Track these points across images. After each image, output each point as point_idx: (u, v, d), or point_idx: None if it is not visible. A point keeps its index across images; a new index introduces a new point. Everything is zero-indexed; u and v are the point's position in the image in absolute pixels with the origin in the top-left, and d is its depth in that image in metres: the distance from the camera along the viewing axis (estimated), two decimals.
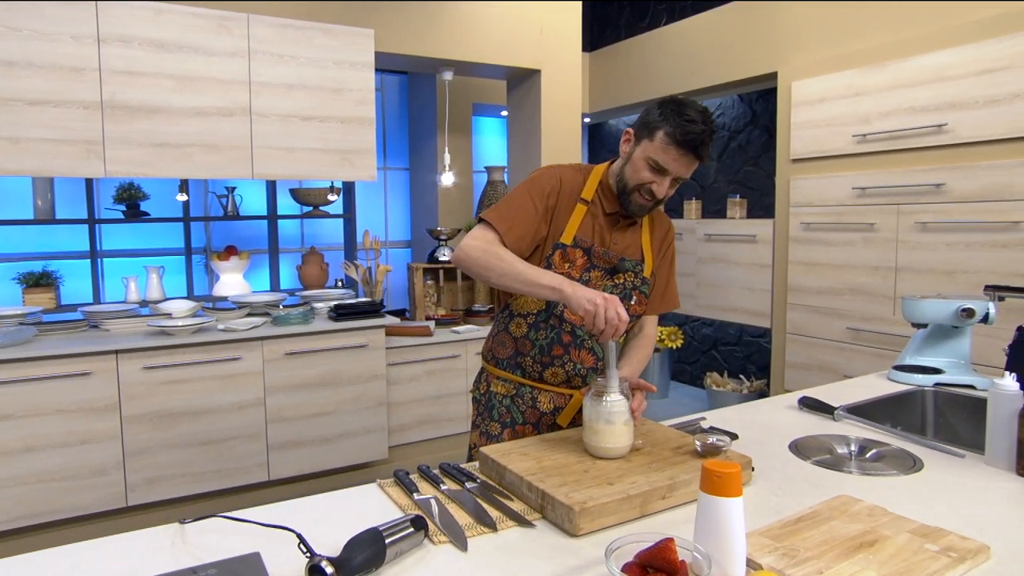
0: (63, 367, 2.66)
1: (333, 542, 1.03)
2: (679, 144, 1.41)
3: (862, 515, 1.12)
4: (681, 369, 5.49)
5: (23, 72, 2.64)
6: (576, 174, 1.58)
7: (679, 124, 1.40)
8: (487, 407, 1.66)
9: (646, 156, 1.46)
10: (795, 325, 3.78)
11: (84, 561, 1.01)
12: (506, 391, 1.63)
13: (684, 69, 4.52)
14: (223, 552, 1.01)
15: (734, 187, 4.82)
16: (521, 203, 1.50)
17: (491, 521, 1.13)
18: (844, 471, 1.37)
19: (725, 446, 1.32)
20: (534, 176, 1.56)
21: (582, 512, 1.09)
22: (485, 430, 1.65)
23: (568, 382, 1.60)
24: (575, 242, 1.53)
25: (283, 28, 3.13)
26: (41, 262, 3.41)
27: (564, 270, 1.52)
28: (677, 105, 1.43)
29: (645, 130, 1.47)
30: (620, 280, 1.57)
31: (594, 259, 1.55)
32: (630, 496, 1.15)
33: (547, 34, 3.86)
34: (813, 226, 3.64)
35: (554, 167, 1.58)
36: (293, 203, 4.01)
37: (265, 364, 3.06)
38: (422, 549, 1.04)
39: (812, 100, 3.62)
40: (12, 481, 2.62)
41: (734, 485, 0.91)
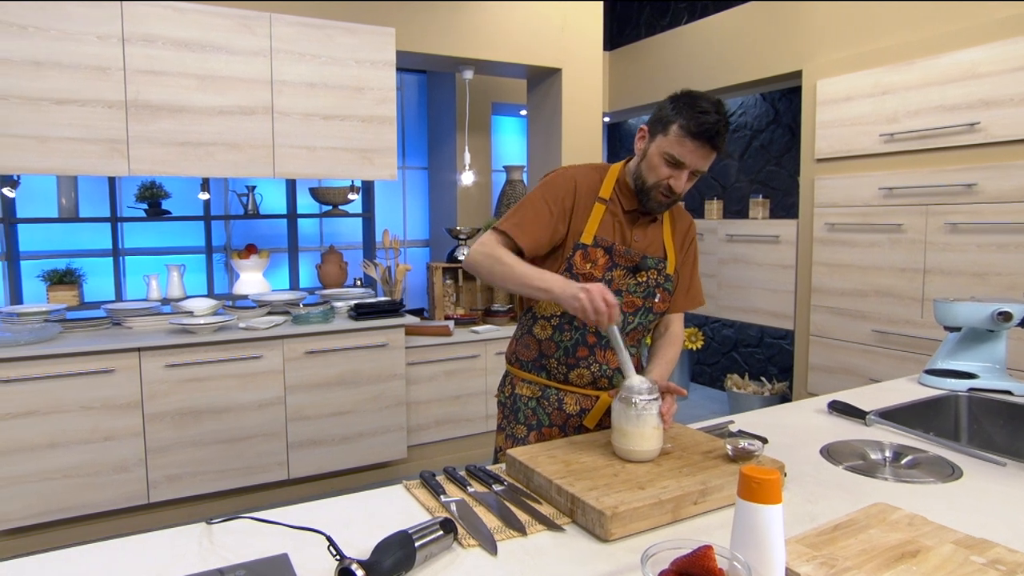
0: (87, 364, 2.68)
1: (361, 544, 1.01)
2: (694, 136, 1.39)
3: (902, 524, 1.08)
4: (701, 371, 5.44)
5: (50, 72, 2.66)
6: (592, 173, 1.57)
7: (693, 116, 1.39)
8: (512, 410, 1.65)
9: (662, 151, 1.44)
10: (819, 327, 3.72)
11: (112, 560, 1.01)
12: (531, 393, 1.62)
13: (705, 68, 4.47)
14: (250, 553, 1.01)
15: (756, 187, 4.77)
16: (534, 206, 1.51)
17: (520, 525, 1.11)
18: (879, 478, 1.34)
19: (758, 451, 1.30)
20: (547, 179, 1.55)
21: (614, 516, 1.08)
22: (511, 433, 1.64)
23: (594, 383, 1.59)
24: (596, 241, 1.52)
25: (305, 27, 3.13)
26: (65, 260, 3.44)
27: (586, 270, 1.52)
28: (690, 98, 1.41)
29: (659, 125, 1.45)
30: (643, 278, 1.56)
31: (616, 258, 1.53)
32: (662, 501, 1.13)
33: (568, 33, 3.83)
34: (838, 227, 3.58)
35: (568, 168, 1.57)
36: (313, 202, 4.02)
37: (285, 363, 3.06)
38: (451, 552, 1.03)
39: (837, 99, 3.56)
40: (37, 476, 2.64)
41: (774, 492, 0.88)
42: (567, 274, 1.51)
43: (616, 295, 1.50)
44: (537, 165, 4.15)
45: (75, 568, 0.99)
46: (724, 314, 4.40)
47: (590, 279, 1.51)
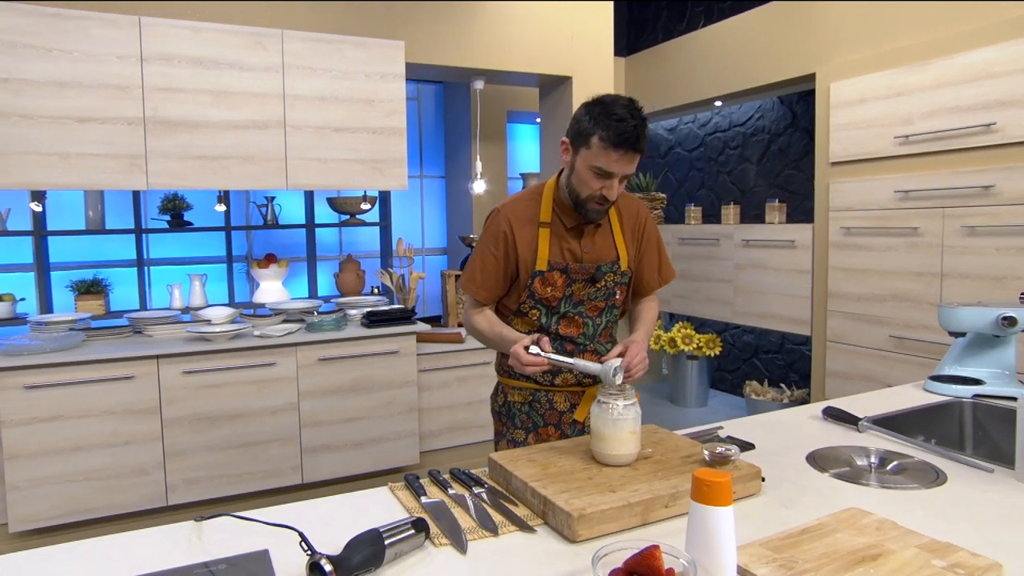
0: (108, 371, 2.79)
1: (339, 541, 1.05)
2: (616, 146, 1.43)
3: (870, 528, 1.08)
4: (721, 377, 5.38)
5: (72, 92, 2.79)
6: (527, 202, 1.65)
7: (610, 126, 1.42)
8: (508, 416, 1.72)
9: (588, 164, 1.48)
10: (835, 333, 3.67)
11: (104, 554, 1.08)
12: (523, 399, 1.70)
13: (721, 72, 4.44)
14: (235, 549, 1.07)
15: (775, 191, 4.71)
16: (481, 257, 1.64)
17: (493, 526, 1.15)
18: (862, 484, 1.34)
19: (734, 455, 1.31)
20: (487, 228, 1.67)
21: (580, 518, 1.10)
22: (511, 438, 1.71)
23: (579, 383, 1.67)
24: (550, 266, 1.61)
25: (316, 42, 3.21)
26: (92, 270, 3.58)
27: (547, 294, 1.61)
28: (603, 107, 1.45)
29: (580, 139, 1.49)
30: (601, 284, 1.65)
31: (572, 275, 1.62)
32: (631, 504, 1.15)
33: (578, 41, 3.86)
34: (854, 231, 3.53)
35: (500, 207, 1.66)
36: (332, 212, 4.11)
37: (299, 369, 3.14)
38: (423, 551, 1.07)
39: (851, 101, 3.51)
40: (62, 478, 2.75)
41: (724, 494, 0.90)
42: (530, 300, 1.62)
43: (579, 305, 1.64)
44: (550, 173, 4.17)
45: (69, 562, 1.05)
46: (740, 320, 4.36)
47: (552, 301, 1.62)
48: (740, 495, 1.25)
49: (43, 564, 1.06)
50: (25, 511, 2.71)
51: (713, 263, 4.52)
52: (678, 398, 5.09)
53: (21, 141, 2.72)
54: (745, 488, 1.27)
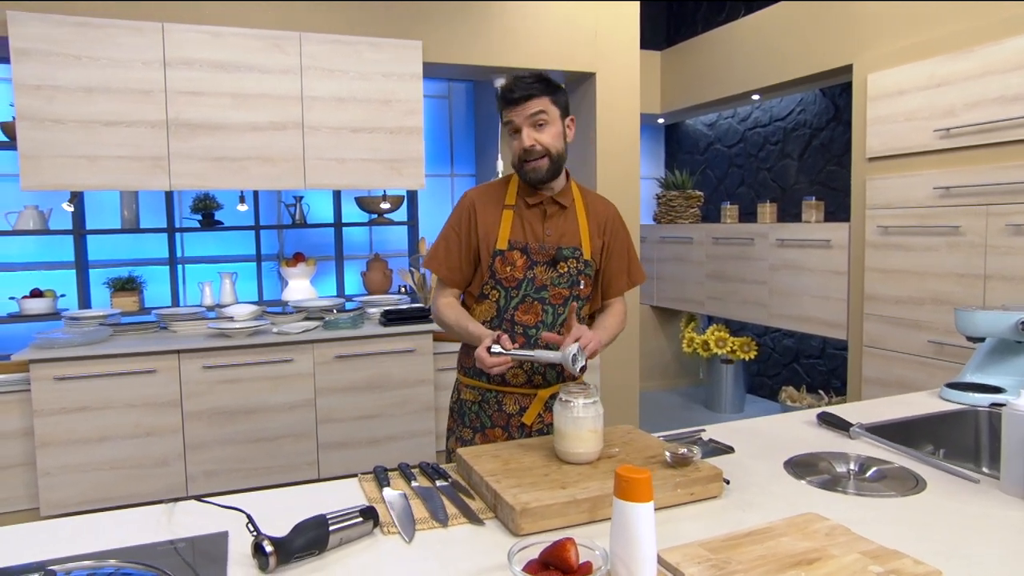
0: (131, 364, 2.90)
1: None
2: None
3: (819, 534, 1.05)
4: (761, 383, 5.20)
5: (101, 97, 2.91)
6: (495, 187, 1.73)
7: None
8: (459, 414, 1.76)
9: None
10: (872, 337, 3.48)
11: (80, 532, 1.16)
12: (473, 398, 1.72)
13: (757, 64, 4.28)
14: (199, 530, 1.15)
15: (816, 188, 4.52)
16: (446, 236, 1.71)
17: (445, 517, 1.19)
18: (837, 490, 1.30)
19: (695, 457, 1.30)
20: (454, 210, 1.73)
21: (523, 512, 1.12)
22: (459, 435, 1.75)
23: (530, 382, 1.67)
24: (510, 245, 1.64)
25: (333, 44, 3.26)
26: (127, 268, 3.74)
27: (507, 273, 1.64)
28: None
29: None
30: (564, 269, 1.66)
31: (533, 255, 1.64)
32: (577, 500, 1.16)
33: (602, 36, 3.78)
34: (891, 230, 3.34)
35: (466, 196, 1.74)
36: (361, 212, 4.16)
37: (316, 366, 3.19)
38: (372, 538, 1.11)
39: (890, 93, 3.32)
40: (89, 467, 2.89)
41: (643, 490, 0.91)
42: (491, 281, 1.65)
43: (542, 290, 1.66)
44: (575, 171, 4.11)
45: (48, 538, 1.14)
46: (775, 323, 4.19)
47: (512, 281, 1.64)
48: (699, 496, 1.25)
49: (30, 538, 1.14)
50: (55, 496, 2.85)
51: (747, 264, 4.36)
52: (713, 403, 4.95)
53: (53, 144, 2.87)
54: (705, 490, 1.26)
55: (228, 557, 1.05)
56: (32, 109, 2.82)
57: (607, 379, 3.86)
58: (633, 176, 3.95)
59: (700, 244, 4.80)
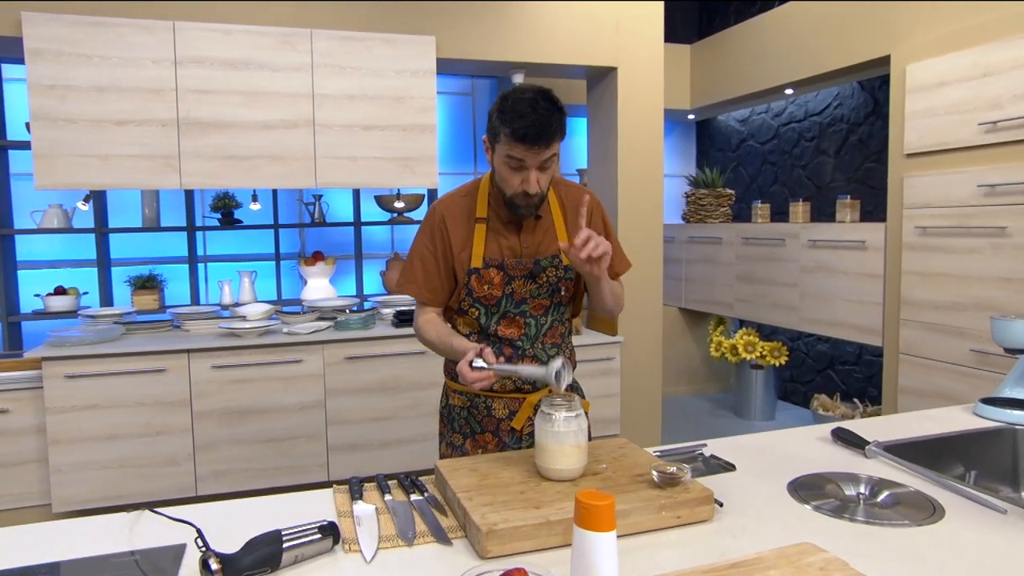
0: (141, 363, 2.91)
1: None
2: (521, 140, 1.40)
3: (812, 568, 0.94)
4: (794, 389, 4.98)
5: (111, 96, 2.93)
6: (462, 199, 1.60)
7: (513, 121, 1.39)
8: (449, 419, 1.70)
9: (503, 159, 1.46)
10: (909, 344, 3.27)
11: (41, 539, 1.14)
12: (462, 403, 1.66)
13: (791, 56, 4.09)
14: (158, 541, 1.12)
15: (853, 187, 4.30)
16: (419, 255, 1.60)
17: (412, 535, 1.12)
18: (842, 517, 1.17)
19: (684, 477, 1.20)
20: (423, 224, 1.63)
21: (490, 534, 1.05)
22: (450, 441, 1.69)
23: (519, 389, 1.61)
24: (485, 263, 1.55)
25: (344, 41, 3.21)
26: (148, 266, 3.77)
27: (485, 292, 1.55)
28: (509, 102, 1.42)
29: (493, 135, 1.47)
30: (543, 280, 1.58)
31: (510, 271, 1.56)
32: (550, 522, 1.08)
33: (624, 29, 3.65)
34: (930, 231, 3.13)
35: (435, 204, 1.62)
36: (382, 211, 4.12)
37: (325, 367, 3.15)
38: (331, 555, 1.06)
39: (930, 85, 3.11)
40: (99, 464, 2.90)
41: (604, 519, 0.84)
42: (468, 299, 1.56)
43: (522, 303, 1.57)
44: (596, 168, 4.00)
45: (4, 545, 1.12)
46: (807, 327, 4.00)
47: (491, 300, 1.56)
48: (686, 520, 1.16)
49: None
50: (67, 493, 2.87)
51: (778, 265, 4.18)
52: (742, 410, 4.76)
53: (65, 144, 2.89)
54: (693, 513, 1.16)
55: (179, 572, 1.02)
56: (45, 109, 2.85)
57: (627, 383, 3.74)
58: (656, 174, 3.81)
59: (730, 244, 4.62)
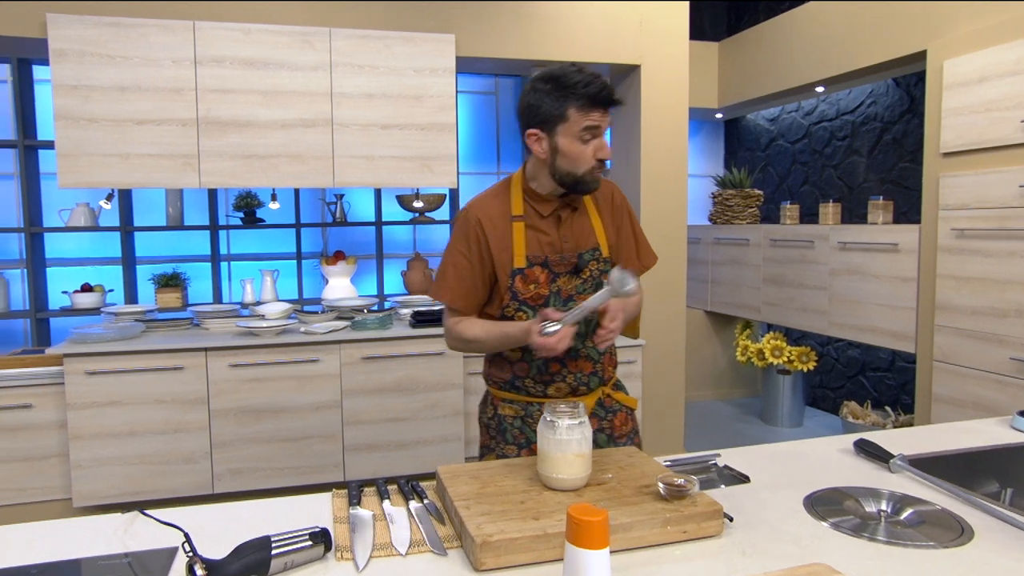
0: (160, 361, 2.93)
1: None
2: (600, 103, 1.42)
3: None
4: (823, 395, 4.84)
5: (133, 95, 2.95)
6: (494, 199, 1.57)
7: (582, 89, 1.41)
8: (499, 430, 1.64)
9: (576, 134, 1.44)
10: (944, 351, 3.14)
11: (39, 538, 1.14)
12: (515, 412, 1.61)
13: (822, 53, 3.97)
14: (154, 543, 1.10)
15: (887, 187, 4.15)
16: (454, 262, 1.55)
17: (407, 545, 1.09)
18: (862, 536, 1.10)
19: (691, 490, 1.14)
20: (456, 229, 1.58)
21: (484, 546, 1.01)
22: (502, 453, 1.63)
23: (574, 392, 1.59)
24: (529, 261, 1.52)
25: (363, 39, 3.20)
26: (172, 264, 3.80)
27: (531, 292, 1.52)
28: (557, 81, 1.43)
29: (552, 120, 1.45)
30: (586, 275, 1.56)
31: (554, 268, 1.53)
32: (548, 534, 1.03)
33: (648, 26, 3.58)
34: (968, 233, 3.00)
35: (466, 208, 1.59)
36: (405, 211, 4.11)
37: (342, 367, 3.14)
38: (322, 563, 1.03)
39: (969, 80, 2.98)
40: (119, 460, 2.93)
41: (597, 535, 0.79)
42: (514, 302, 1.51)
43: (569, 301, 1.53)
44: (620, 167, 3.92)
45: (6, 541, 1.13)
46: (836, 332, 3.87)
47: (538, 300, 1.52)
48: (693, 535, 1.10)
49: None
50: (87, 488, 2.91)
51: (806, 268, 4.05)
52: (769, 416, 4.64)
53: (87, 143, 2.92)
54: (700, 528, 1.11)
55: None
56: (69, 108, 2.89)
57: (649, 388, 3.66)
58: (680, 174, 3.72)
59: (757, 246, 4.51)
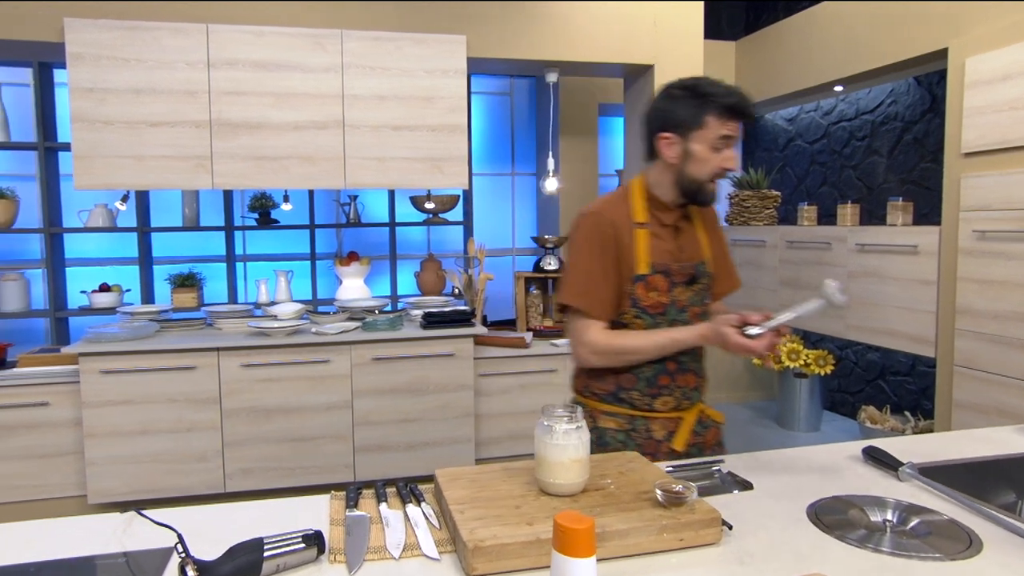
0: (172, 360, 2.96)
1: None
2: (740, 114, 1.45)
3: None
4: (842, 399, 4.76)
5: (147, 98, 2.99)
6: (620, 204, 1.56)
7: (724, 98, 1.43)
8: (599, 443, 1.61)
9: (710, 142, 1.46)
10: (965, 356, 3.07)
11: (38, 537, 1.14)
12: (618, 426, 1.60)
13: (840, 51, 3.90)
14: (151, 544, 1.11)
15: (908, 188, 4.07)
16: (590, 269, 1.52)
17: (400, 548, 1.09)
18: (865, 547, 1.07)
19: (689, 497, 1.12)
20: (585, 233, 1.54)
21: (476, 551, 1.00)
22: None
23: (678, 407, 1.60)
24: (652, 269, 1.53)
25: (375, 41, 3.21)
26: (188, 265, 3.85)
27: (651, 299, 1.53)
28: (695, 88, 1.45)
29: (688, 124, 1.46)
30: (698, 287, 1.57)
31: (673, 277, 1.54)
32: (540, 540, 1.02)
33: (662, 26, 3.54)
34: (989, 235, 2.93)
35: (597, 213, 1.55)
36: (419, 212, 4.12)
37: (353, 368, 3.15)
38: (316, 565, 1.03)
39: (992, 78, 2.91)
40: (132, 458, 2.97)
41: (582, 543, 0.77)
42: (634, 309, 1.52)
43: (683, 311, 1.55)
44: (633, 168, 3.89)
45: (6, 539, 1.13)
46: (854, 335, 3.80)
47: (657, 307, 1.54)
48: (689, 543, 1.09)
49: None
50: (101, 485, 2.95)
51: (824, 270, 3.99)
52: (786, 420, 4.57)
53: (102, 145, 2.97)
54: (697, 536, 1.09)
55: None
56: (85, 111, 2.93)
57: None
58: None
59: (774, 248, 4.44)
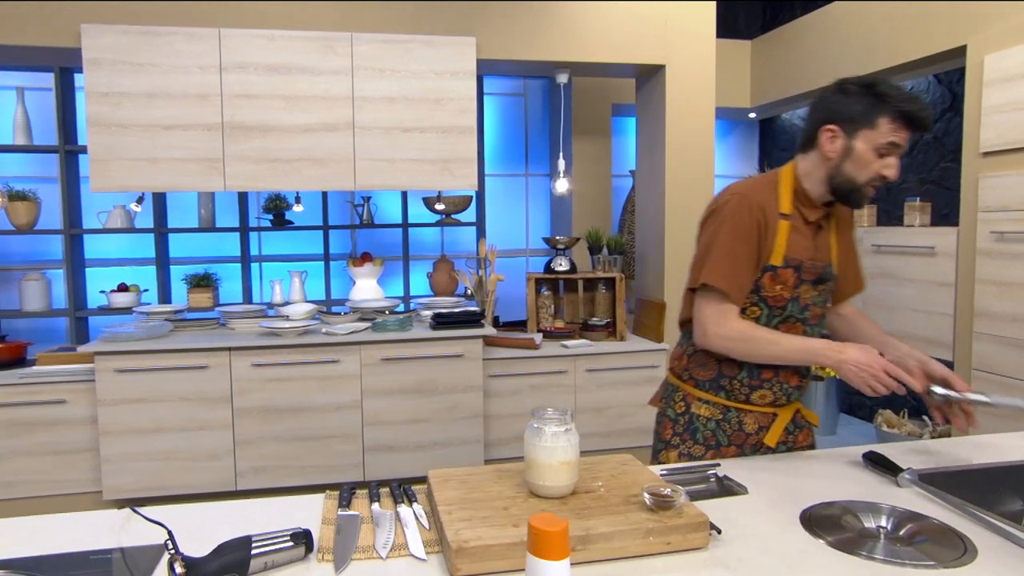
0: (185, 360, 3.01)
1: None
2: (917, 125, 1.39)
3: None
4: (859, 402, 4.68)
5: (161, 102, 3.04)
6: (766, 191, 1.51)
7: (904, 105, 1.37)
8: (688, 428, 1.62)
9: (874, 145, 1.41)
10: (982, 360, 3.00)
11: (37, 533, 1.16)
12: (711, 414, 1.59)
13: (856, 50, 3.84)
14: (146, 540, 1.13)
15: (927, 188, 3.99)
16: (735, 251, 1.47)
17: (388, 548, 1.10)
18: (857, 553, 1.06)
19: (677, 501, 1.12)
20: (732, 212, 1.47)
21: (460, 551, 1.01)
22: (687, 451, 1.61)
23: (774, 403, 1.57)
24: (785, 262, 1.49)
25: (384, 43, 3.23)
26: (204, 265, 3.90)
27: (775, 292, 1.50)
28: (873, 86, 1.40)
29: (860, 120, 1.41)
30: (823, 288, 1.54)
31: (804, 274, 1.50)
32: (524, 542, 1.01)
33: (674, 25, 3.51)
34: (1008, 236, 2.86)
35: (745, 197, 1.48)
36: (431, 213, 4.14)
37: (362, 368, 3.17)
38: (304, 564, 1.05)
39: (1011, 76, 2.84)
40: (145, 456, 3.02)
41: (555, 546, 0.78)
42: (753, 296, 1.51)
43: (805, 309, 1.52)
44: (645, 168, 3.87)
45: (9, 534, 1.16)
46: None
47: (778, 300, 1.51)
48: (676, 547, 1.09)
49: None
50: (116, 482, 3.00)
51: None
52: None
53: (118, 148, 3.02)
54: (684, 540, 1.09)
55: (154, 572, 1.03)
56: (101, 115, 2.99)
57: None
58: (707, 175, 3.65)
59: None
